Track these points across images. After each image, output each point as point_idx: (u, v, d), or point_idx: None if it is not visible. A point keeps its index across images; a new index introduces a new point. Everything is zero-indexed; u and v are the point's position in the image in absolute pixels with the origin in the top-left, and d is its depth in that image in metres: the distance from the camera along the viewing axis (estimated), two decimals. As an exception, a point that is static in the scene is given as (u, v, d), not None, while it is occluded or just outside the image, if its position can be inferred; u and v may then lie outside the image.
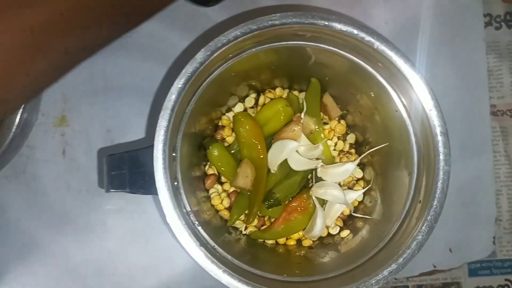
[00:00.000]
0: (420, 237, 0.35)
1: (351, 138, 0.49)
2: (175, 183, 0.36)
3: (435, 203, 0.36)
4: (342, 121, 0.49)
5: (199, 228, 0.37)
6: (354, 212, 0.46)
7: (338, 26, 0.36)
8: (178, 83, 0.36)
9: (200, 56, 0.36)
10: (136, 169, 0.37)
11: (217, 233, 0.41)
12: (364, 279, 0.35)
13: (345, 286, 0.35)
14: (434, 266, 0.54)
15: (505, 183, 0.56)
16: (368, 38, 0.36)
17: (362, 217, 0.45)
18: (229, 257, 0.37)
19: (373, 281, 0.35)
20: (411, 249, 0.35)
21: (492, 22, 0.57)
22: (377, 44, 0.36)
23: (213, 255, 0.35)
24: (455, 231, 0.54)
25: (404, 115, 0.40)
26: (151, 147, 0.35)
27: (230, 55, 0.39)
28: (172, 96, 0.36)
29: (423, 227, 0.35)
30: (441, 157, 0.36)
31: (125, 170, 0.37)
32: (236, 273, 0.35)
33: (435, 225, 0.35)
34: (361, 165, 0.48)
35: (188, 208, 0.37)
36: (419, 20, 0.55)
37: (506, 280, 0.56)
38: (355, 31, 0.36)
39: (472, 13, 0.56)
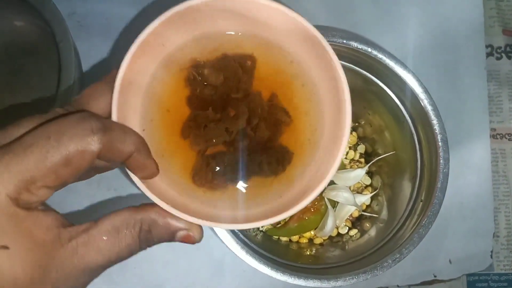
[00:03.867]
0: (421, 230, 0.40)
1: (361, 148, 0.53)
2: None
3: (435, 201, 0.40)
4: (354, 133, 0.54)
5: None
6: (363, 212, 0.50)
7: (355, 44, 0.42)
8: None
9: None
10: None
11: (237, 227, 0.45)
12: (370, 266, 0.39)
13: (352, 272, 0.39)
14: (435, 276, 0.57)
15: (502, 202, 0.60)
16: (380, 55, 0.42)
17: (369, 219, 0.49)
18: (250, 242, 0.41)
19: (378, 267, 0.39)
20: (413, 241, 0.39)
21: (493, 53, 0.62)
22: (388, 61, 0.42)
23: (237, 237, 0.40)
24: (455, 243, 0.57)
25: (410, 125, 0.45)
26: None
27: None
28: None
29: (424, 222, 0.40)
30: (441, 161, 0.41)
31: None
32: (257, 255, 0.39)
33: (434, 220, 0.40)
34: (370, 173, 0.53)
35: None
36: (427, 48, 0.59)
37: (502, 293, 0.58)
38: (369, 49, 0.41)
39: (475, 44, 0.60)
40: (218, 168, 0.29)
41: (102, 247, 0.27)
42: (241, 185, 0.30)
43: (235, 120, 0.30)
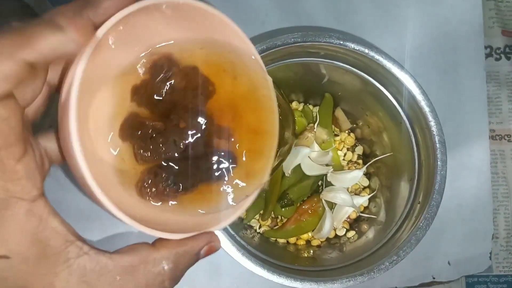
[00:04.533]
0: (418, 232, 0.39)
1: (359, 149, 0.53)
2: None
3: (433, 203, 0.40)
4: (352, 134, 0.53)
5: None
6: (361, 213, 0.50)
7: (352, 45, 0.41)
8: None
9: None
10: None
11: (234, 229, 0.45)
12: (367, 268, 0.39)
13: (349, 274, 0.39)
14: (433, 278, 0.56)
15: (502, 203, 0.59)
16: (377, 56, 0.41)
17: (367, 220, 0.49)
18: (246, 245, 0.41)
19: (375, 269, 0.39)
20: (410, 243, 0.39)
21: (492, 54, 0.61)
22: (385, 63, 0.41)
23: (233, 239, 0.39)
24: (454, 245, 0.57)
25: (408, 127, 0.44)
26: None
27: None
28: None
29: (421, 224, 0.39)
30: (439, 163, 0.40)
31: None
32: (254, 258, 0.39)
33: (431, 222, 0.39)
34: (368, 175, 0.52)
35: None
36: (426, 49, 0.59)
37: (501, 295, 0.58)
38: (366, 50, 0.41)
39: (474, 44, 0.59)
40: (167, 180, 0.28)
41: (114, 285, 0.24)
42: (190, 193, 0.29)
43: (185, 134, 0.29)
